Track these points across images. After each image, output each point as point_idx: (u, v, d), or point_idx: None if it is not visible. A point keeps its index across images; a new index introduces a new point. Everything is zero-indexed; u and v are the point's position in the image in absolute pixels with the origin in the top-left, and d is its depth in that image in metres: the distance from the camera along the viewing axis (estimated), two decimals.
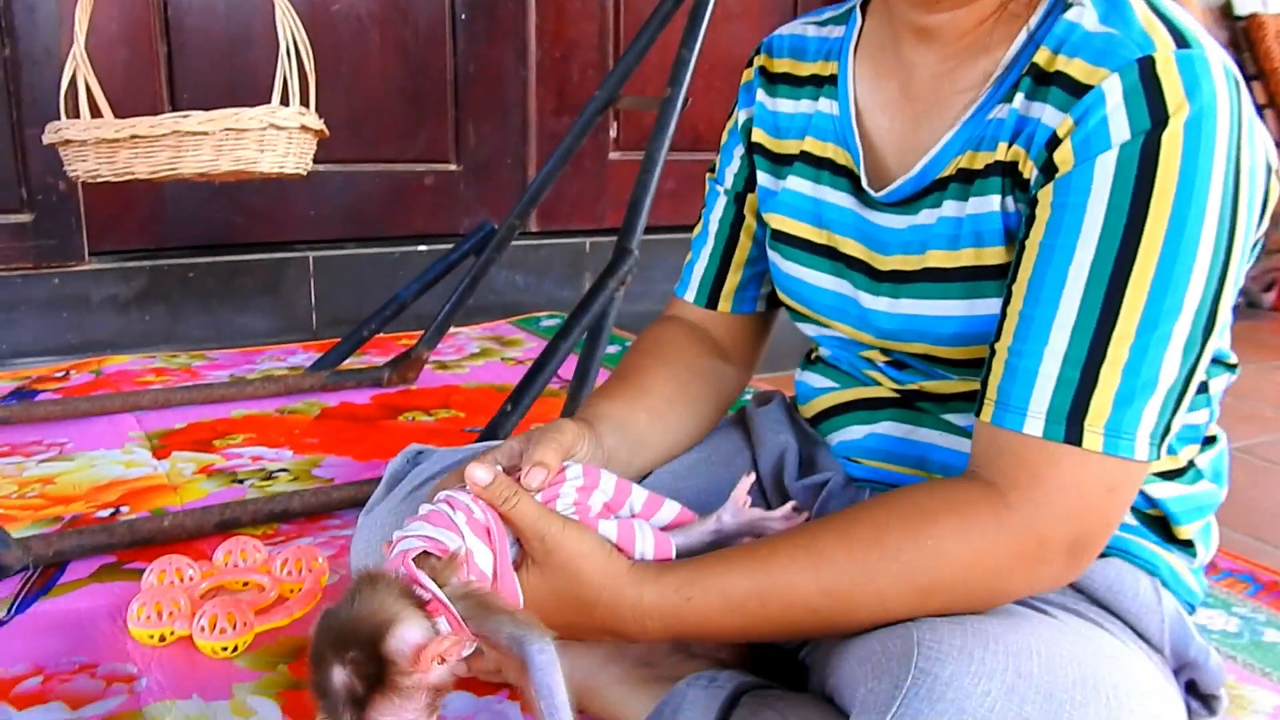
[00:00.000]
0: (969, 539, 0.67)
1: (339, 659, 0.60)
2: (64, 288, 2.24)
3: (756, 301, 0.99)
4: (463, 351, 2.35)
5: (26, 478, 1.55)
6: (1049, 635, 0.66)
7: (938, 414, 0.83)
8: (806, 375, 0.96)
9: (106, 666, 1.04)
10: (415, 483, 0.98)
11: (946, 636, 0.63)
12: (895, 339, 0.80)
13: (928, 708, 0.59)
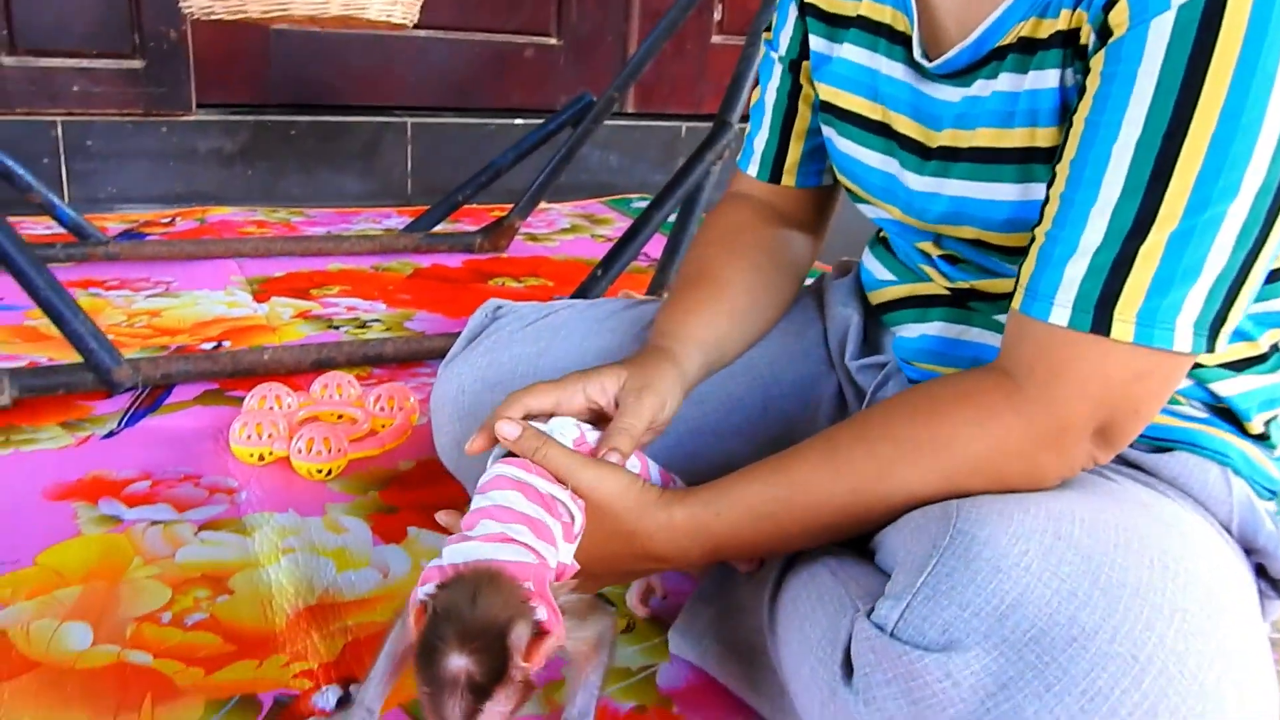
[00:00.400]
0: (985, 428, 0.66)
1: (461, 648, 0.61)
2: (171, 136, 2.29)
3: (822, 175, 0.95)
4: (553, 226, 2.36)
5: (135, 310, 1.62)
6: (1097, 503, 0.65)
7: (989, 314, 0.80)
8: (871, 260, 0.93)
9: (209, 478, 1.10)
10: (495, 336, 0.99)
11: (987, 502, 0.62)
12: (944, 223, 0.77)
13: (963, 566, 0.59)
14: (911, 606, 0.59)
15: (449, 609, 0.63)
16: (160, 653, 0.82)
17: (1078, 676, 0.55)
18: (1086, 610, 0.56)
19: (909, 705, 0.57)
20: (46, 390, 1.25)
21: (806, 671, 0.64)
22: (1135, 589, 0.57)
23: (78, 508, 1.02)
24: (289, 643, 0.84)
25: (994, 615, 0.57)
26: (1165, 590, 0.58)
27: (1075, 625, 0.56)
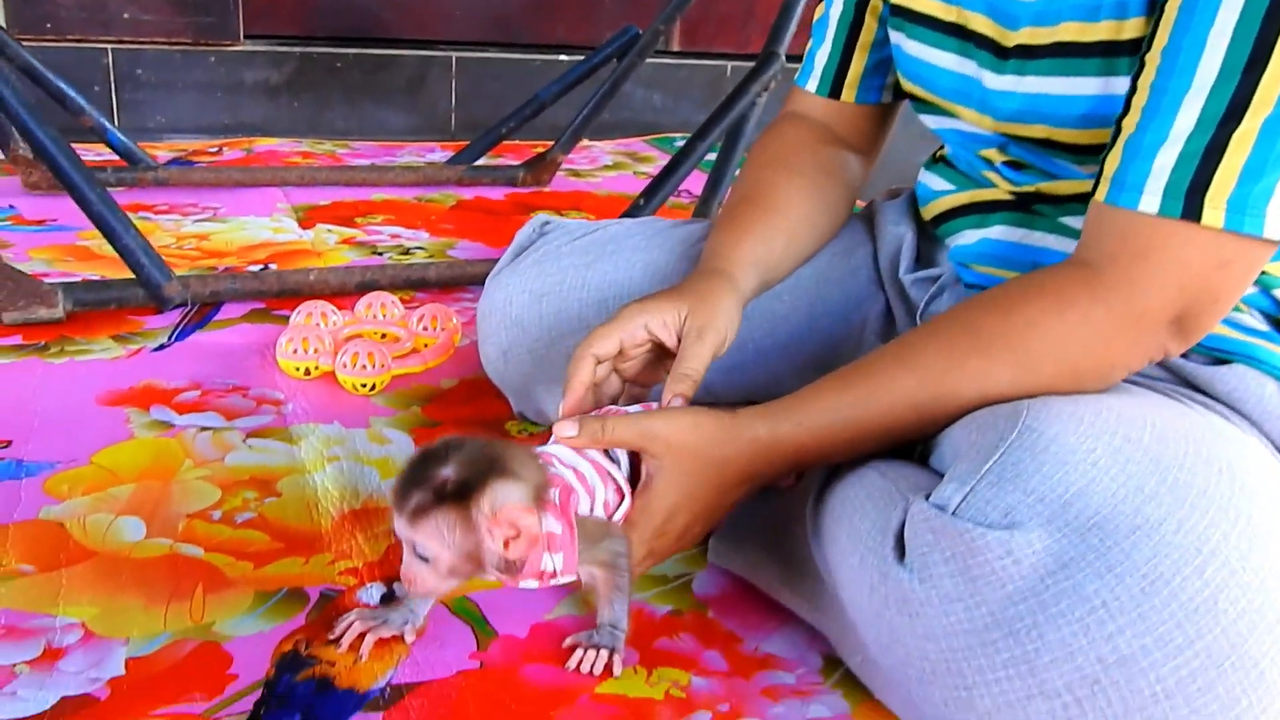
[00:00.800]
0: (1063, 316, 0.66)
1: (456, 462, 0.65)
2: (219, 66, 2.31)
3: (882, 91, 0.95)
4: (596, 163, 2.35)
5: (183, 233, 1.64)
6: (1167, 413, 0.65)
7: (1054, 217, 0.80)
8: (928, 176, 0.93)
9: (257, 390, 1.12)
10: (542, 250, 1.00)
11: (1057, 403, 0.63)
12: (1017, 120, 0.77)
13: (1029, 457, 0.59)
14: (975, 490, 0.59)
15: (466, 441, 0.67)
16: (211, 547, 0.84)
17: (1140, 562, 0.55)
18: (1152, 504, 0.57)
19: (965, 582, 0.58)
20: (99, 304, 1.27)
21: (855, 561, 0.65)
22: (1202, 490, 0.58)
23: (130, 413, 1.05)
24: (334, 542, 0.86)
25: (1058, 502, 0.58)
26: (1231, 496, 0.58)
27: (1140, 516, 0.56)
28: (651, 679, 0.73)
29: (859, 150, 0.97)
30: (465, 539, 0.65)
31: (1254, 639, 0.55)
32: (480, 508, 0.64)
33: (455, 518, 0.64)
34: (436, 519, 0.65)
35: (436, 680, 0.71)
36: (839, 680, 0.75)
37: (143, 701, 0.67)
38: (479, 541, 0.65)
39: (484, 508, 0.64)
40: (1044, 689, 0.56)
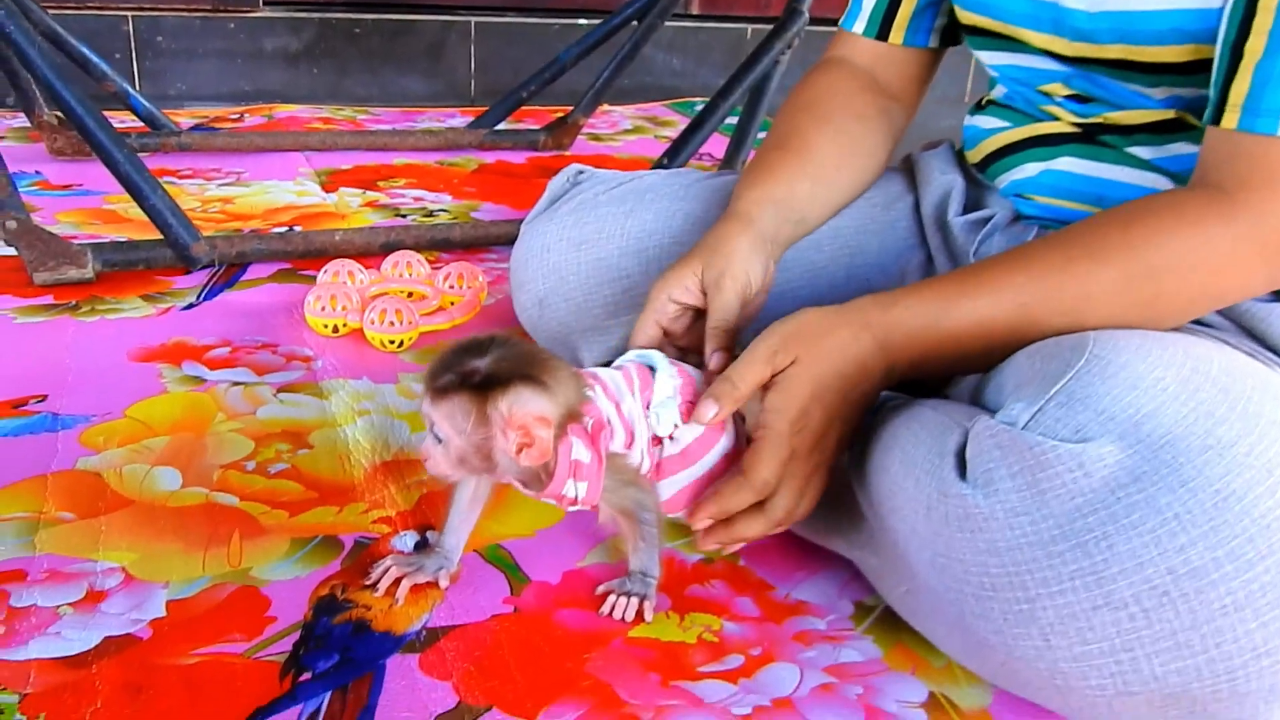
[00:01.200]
0: (1185, 233, 0.66)
1: (493, 355, 0.65)
2: (239, 33, 2.30)
3: (931, 34, 0.94)
4: (616, 127, 2.34)
5: (208, 197, 1.65)
6: (1232, 353, 0.65)
7: (1122, 147, 0.80)
8: (976, 119, 0.93)
9: (286, 347, 1.13)
10: (578, 199, 1.01)
11: (1124, 336, 0.63)
12: (1093, 40, 0.76)
13: (1099, 382, 0.59)
14: (1044, 409, 0.60)
15: (514, 341, 0.67)
16: (246, 496, 0.85)
17: (1212, 478, 0.55)
18: (1224, 427, 0.57)
19: (1033, 495, 0.58)
20: (128, 265, 1.28)
21: (910, 485, 0.65)
22: (1272, 420, 0.58)
23: (162, 369, 1.06)
24: (367, 492, 0.87)
25: (1129, 421, 0.58)
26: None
27: (1211, 437, 0.57)
28: (684, 624, 0.74)
29: (899, 99, 0.96)
30: (477, 430, 0.65)
31: None
32: (497, 405, 0.64)
33: (472, 406, 0.64)
34: (454, 403, 0.65)
35: (471, 624, 0.72)
36: (870, 626, 0.75)
37: (184, 641, 0.68)
38: (490, 437, 0.65)
39: (501, 406, 0.64)
40: (1110, 600, 0.56)
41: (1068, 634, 0.57)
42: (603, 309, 0.95)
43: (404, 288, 1.25)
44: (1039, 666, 0.59)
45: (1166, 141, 0.78)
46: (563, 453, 0.67)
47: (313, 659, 0.68)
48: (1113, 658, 0.57)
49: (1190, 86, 0.73)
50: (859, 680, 0.70)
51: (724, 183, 0.97)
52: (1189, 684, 0.56)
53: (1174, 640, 0.55)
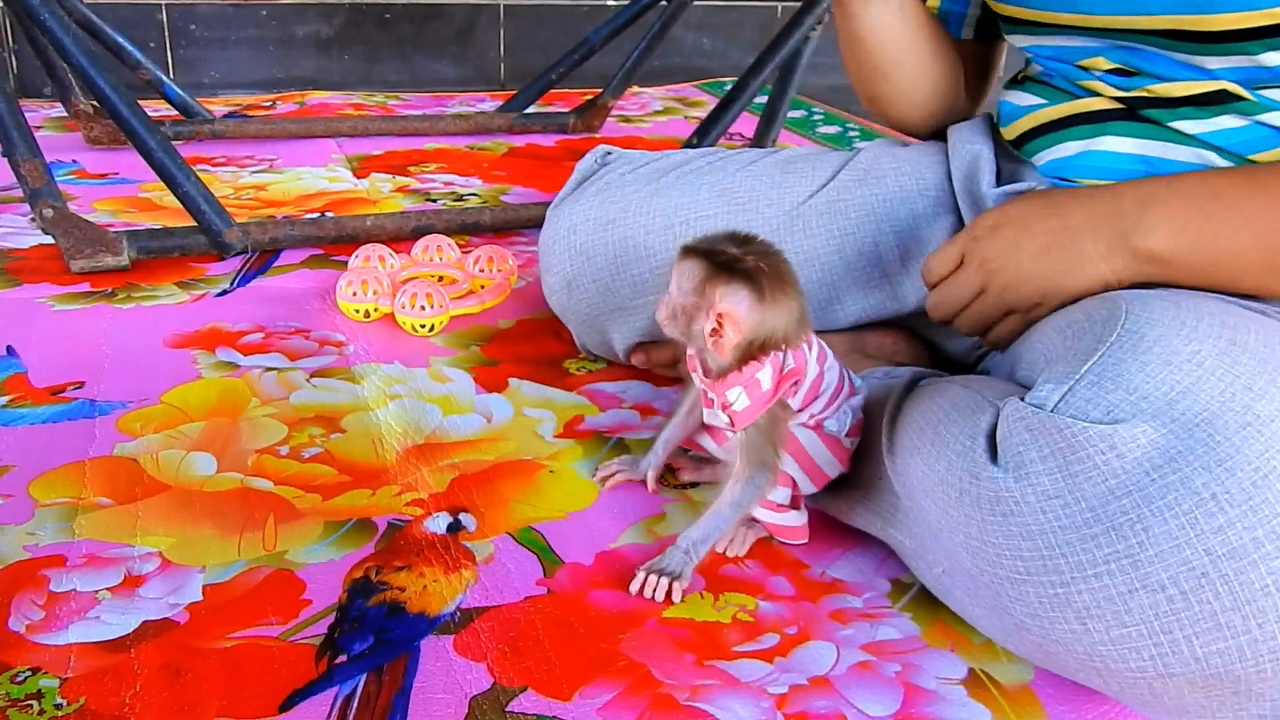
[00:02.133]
0: None
1: (751, 253, 0.70)
2: (270, 20, 2.31)
3: (964, 26, 0.94)
4: (646, 109, 2.33)
5: (241, 184, 1.66)
6: (1270, 322, 0.63)
7: (1165, 122, 0.77)
8: (1012, 94, 0.91)
9: (319, 332, 1.13)
10: (605, 179, 1.00)
11: (1158, 308, 0.61)
12: (1138, 11, 0.74)
13: (1132, 359, 0.58)
14: (1075, 390, 0.58)
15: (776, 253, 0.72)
16: (280, 480, 0.85)
17: (1251, 456, 0.54)
18: (1262, 401, 0.56)
19: (1065, 479, 0.57)
20: (163, 251, 1.29)
21: (943, 467, 0.64)
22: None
23: (197, 355, 1.06)
24: (400, 475, 0.87)
25: (1163, 400, 0.56)
26: None
27: (1250, 412, 0.55)
28: (719, 604, 0.73)
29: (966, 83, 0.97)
30: (690, 299, 0.70)
31: None
32: (713, 288, 0.69)
33: (700, 275, 0.69)
34: (690, 266, 0.70)
35: (505, 605, 0.72)
36: (908, 604, 0.74)
37: (221, 625, 0.69)
38: (699, 308, 0.70)
39: (714, 293, 0.69)
40: (1147, 583, 0.55)
41: (1105, 617, 0.56)
42: (631, 289, 0.95)
43: (434, 272, 1.25)
44: (1077, 650, 0.58)
45: (1212, 115, 0.75)
46: (751, 367, 0.71)
47: (348, 641, 0.68)
48: (1151, 640, 0.55)
49: (1247, 55, 0.71)
50: (897, 658, 0.69)
51: (753, 155, 0.96)
52: (1231, 664, 0.54)
53: (1214, 621, 0.54)
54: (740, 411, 0.72)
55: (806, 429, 0.76)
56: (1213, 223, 0.68)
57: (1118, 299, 0.64)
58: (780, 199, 0.94)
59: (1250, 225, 0.67)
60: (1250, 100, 0.73)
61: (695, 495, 0.86)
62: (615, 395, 1.02)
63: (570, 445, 0.93)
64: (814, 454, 0.76)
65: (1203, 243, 0.68)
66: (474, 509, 0.83)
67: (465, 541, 0.79)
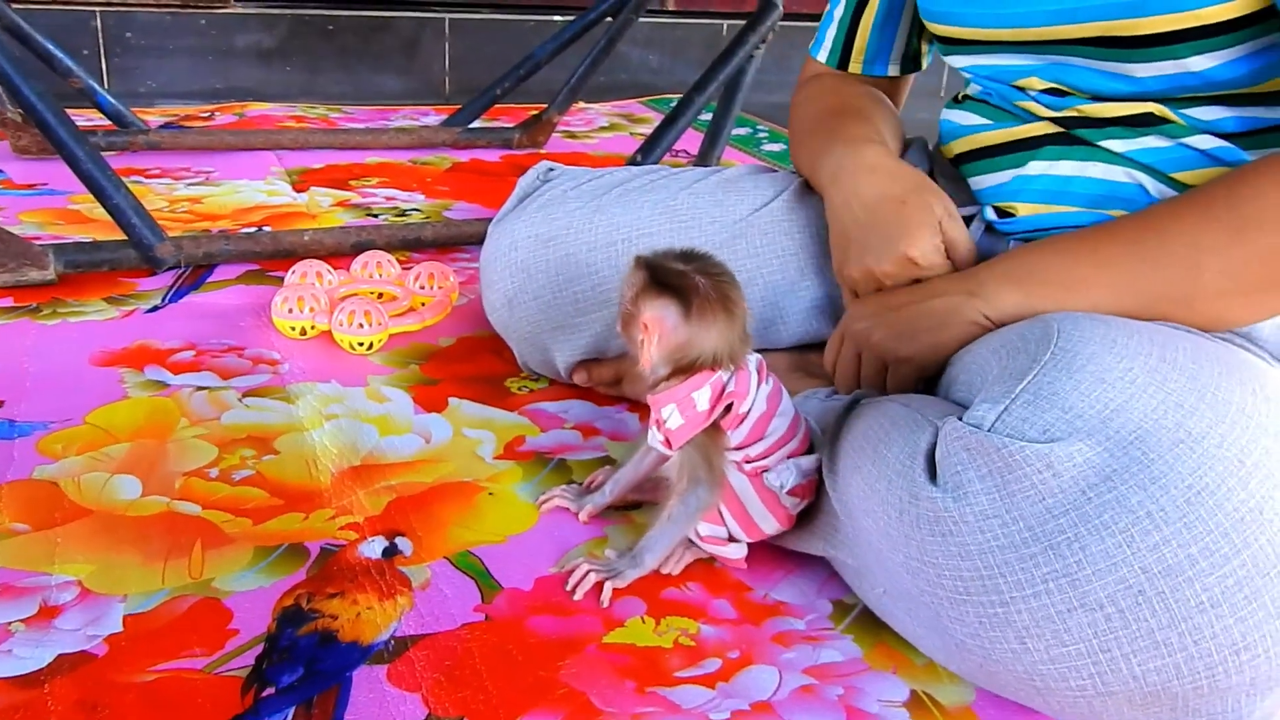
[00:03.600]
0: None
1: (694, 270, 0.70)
2: (210, 29, 2.27)
3: (890, 64, 0.97)
4: (592, 125, 2.32)
5: (176, 196, 1.62)
6: (1196, 338, 0.64)
7: (1095, 141, 0.78)
8: (953, 113, 0.92)
9: (253, 350, 1.10)
10: (547, 195, 0.99)
11: (1089, 327, 0.62)
12: (1068, 20, 0.75)
13: (1066, 377, 0.58)
14: (1010, 409, 0.58)
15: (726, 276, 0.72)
16: (209, 504, 0.83)
17: (1184, 473, 0.54)
18: (1194, 418, 0.56)
19: (1003, 498, 0.57)
20: (91, 266, 1.25)
21: (883, 486, 0.64)
22: (1241, 408, 0.57)
23: (124, 373, 1.03)
24: (334, 498, 0.85)
25: (1097, 418, 0.57)
26: (1268, 415, 0.58)
27: (1181, 430, 0.55)
28: (660, 628, 0.72)
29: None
30: (627, 305, 0.72)
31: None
32: (644, 300, 0.70)
33: (639, 286, 0.71)
34: (633, 275, 0.72)
35: (441, 633, 0.70)
36: (850, 625, 0.73)
37: (142, 657, 0.66)
38: (634, 317, 0.71)
39: (647, 303, 0.70)
40: (1085, 601, 0.55)
41: (1044, 636, 0.56)
42: (573, 306, 0.94)
43: (374, 289, 1.23)
44: (1017, 669, 0.58)
45: (1139, 135, 0.76)
46: (686, 386, 0.71)
47: (276, 672, 0.66)
48: (1090, 659, 0.55)
49: (1174, 59, 0.72)
50: (839, 681, 0.68)
51: (695, 173, 0.96)
52: (1169, 682, 0.55)
53: (1152, 639, 0.54)
54: (674, 430, 0.71)
55: (741, 474, 0.74)
56: (1057, 256, 0.72)
57: (1049, 319, 0.64)
58: (723, 216, 0.94)
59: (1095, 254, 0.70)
60: (1177, 123, 0.75)
61: (638, 517, 0.85)
62: (557, 415, 1.01)
63: (511, 467, 0.91)
64: (747, 503, 0.75)
65: (1053, 275, 0.71)
66: (411, 533, 0.81)
67: (401, 566, 0.77)
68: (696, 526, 0.75)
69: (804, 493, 0.75)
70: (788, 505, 0.75)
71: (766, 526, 0.76)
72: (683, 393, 0.71)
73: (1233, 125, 0.73)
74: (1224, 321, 0.69)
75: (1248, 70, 0.71)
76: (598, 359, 0.99)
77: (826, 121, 0.91)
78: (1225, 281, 0.66)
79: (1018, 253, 0.74)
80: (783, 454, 0.74)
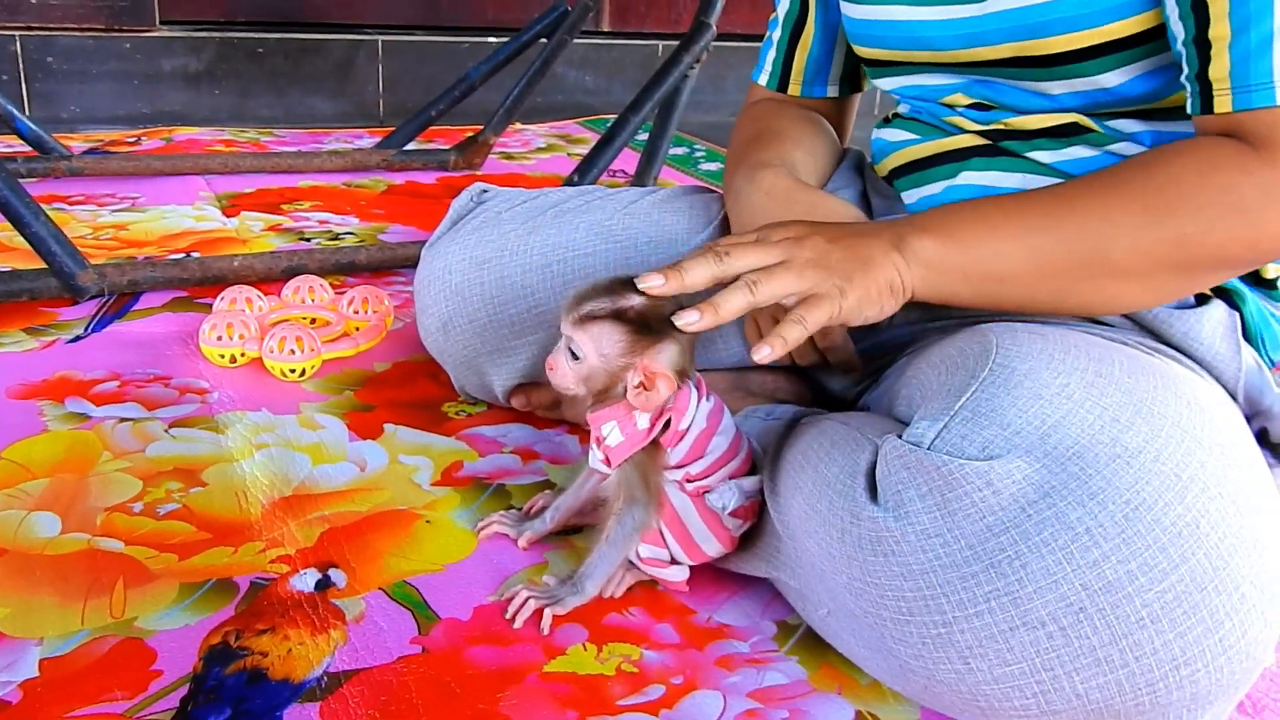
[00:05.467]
0: (1208, 178, 0.64)
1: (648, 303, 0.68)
2: (135, 53, 2.22)
3: (829, 85, 0.98)
4: (529, 145, 2.31)
5: (100, 223, 1.57)
6: (1131, 352, 0.64)
7: (1023, 153, 0.80)
8: (884, 132, 0.93)
9: (180, 380, 1.07)
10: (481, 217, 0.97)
11: (1026, 341, 0.62)
12: (981, 44, 0.76)
13: (1004, 394, 0.58)
14: (950, 426, 0.58)
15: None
16: (132, 540, 0.80)
17: (1122, 488, 0.54)
18: (1130, 433, 0.56)
19: (943, 516, 0.57)
20: (8, 296, 1.21)
21: (824, 506, 0.63)
22: (1176, 422, 0.57)
23: (43, 406, 0.99)
24: (265, 530, 0.82)
25: (1035, 434, 0.56)
26: (1204, 427, 0.58)
27: (1118, 444, 0.56)
28: (602, 655, 0.71)
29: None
30: (619, 359, 0.68)
31: (1235, 561, 0.54)
32: (646, 351, 0.67)
33: (623, 340, 0.68)
34: (607, 331, 0.68)
35: (376, 667, 0.68)
36: (794, 647, 0.73)
37: (58, 703, 0.63)
38: (626, 369, 0.68)
39: (648, 353, 0.68)
40: (1027, 619, 0.54)
41: (987, 656, 0.56)
42: (509, 329, 0.92)
43: (306, 314, 1.20)
44: (961, 689, 0.58)
45: (1065, 145, 0.78)
46: (626, 404, 0.69)
47: (203, 714, 0.63)
48: (1034, 678, 0.55)
49: (1084, 77, 0.73)
50: (784, 704, 0.67)
51: (631, 194, 0.95)
52: (1111, 699, 0.55)
53: (1094, 656, 0.54)
54: (614, 447, 0.70)
55: (683, 494, 0.73)
56: (975, 224, 0.68)
57: (988, 333, 0.64)
58: (658, 236, 0.93)
59: (1007, 227, 0.68)
60: (1099, 132, 0.76)
61: (579, 541, 0.83)
62: (495, 439, 0.99)
63: (448, 493, 0.89)
64: (689, 524, 0.74)
65: (968, 244, 0.68)
66: (344, 564, 0.78)
67: (334, 599, 0.74)
68: (638, 548, 0.74)
69: (746, 514, 0.74)
70: (730, 527, 0.74)
71: (709, 548, 0.75)
72: (624, 410, 0.70)
73: (1149, 139, 0.75)
74: (1130, 302, 0.69)
75: (1157, 85, 0.72)
76: (535, 383, 0.97)
77: (743, 149, 0.91)
78: (1133, 260, 0.66)
79: (941, 211, 0.71)
80: (724, 473, 0.73)
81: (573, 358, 0.70)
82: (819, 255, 0.66)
